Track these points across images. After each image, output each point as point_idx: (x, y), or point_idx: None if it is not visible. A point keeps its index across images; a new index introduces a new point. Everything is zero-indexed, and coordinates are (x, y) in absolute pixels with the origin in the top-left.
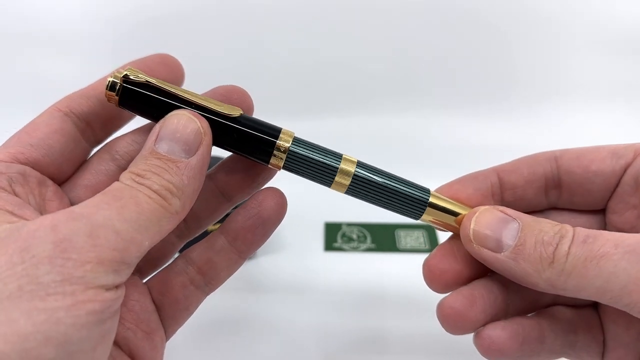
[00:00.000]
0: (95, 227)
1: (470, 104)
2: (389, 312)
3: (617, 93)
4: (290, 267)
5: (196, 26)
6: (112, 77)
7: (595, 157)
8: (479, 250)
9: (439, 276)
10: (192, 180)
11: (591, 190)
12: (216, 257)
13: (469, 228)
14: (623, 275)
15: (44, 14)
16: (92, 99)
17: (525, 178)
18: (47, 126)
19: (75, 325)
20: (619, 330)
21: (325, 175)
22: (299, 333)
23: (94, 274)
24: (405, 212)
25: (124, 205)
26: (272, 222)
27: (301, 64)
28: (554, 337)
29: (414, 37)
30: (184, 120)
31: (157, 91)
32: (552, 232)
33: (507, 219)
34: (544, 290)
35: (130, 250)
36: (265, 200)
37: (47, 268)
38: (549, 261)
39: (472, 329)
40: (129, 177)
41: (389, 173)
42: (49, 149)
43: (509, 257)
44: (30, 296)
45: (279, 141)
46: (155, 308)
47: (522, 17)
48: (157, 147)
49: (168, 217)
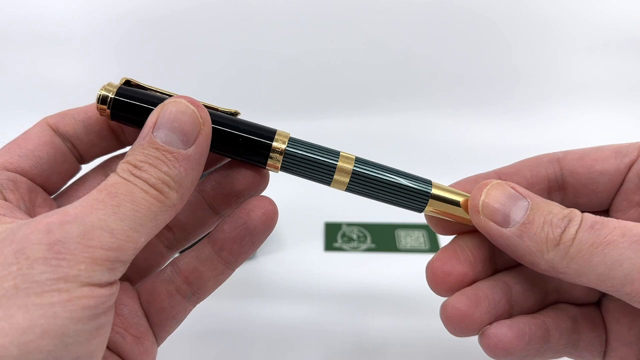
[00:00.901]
0: (89, 228)
1: (471, 105)
2: (389, 312)
3: (618, 93)
4: (290, 267)
5: (196, 26)
6: (103, 90)
7: (599, 156)
8: (485, 223)
9: (443, 279)
10: (190, 172)
11: (596, 191)
12: (202, 267)
13: (479, 199)
14: (627, 264)
15: (44, 14)
16: (79, 123)
17: (528, 181)
18: (38, 138)
19: (71, 319)
20: (622, 329)
21: (323, 174)
22: (298, 333)
23: (88, 272)
24: (407, 206)
25: (120, 203)
26: (259, 233)
27: (301, 64)
28: (558, 336)
29: (414, 37)
30: (183, 108)
31: (150, 99)
32: (561, 215)
33: (518, 196)
34: (542, 271)
35: (126, 248)
36: (253, 210)
37: (42, 268)
38: (555, 243)
39: (476, 331)
40: (125, 168)
41: (389, 167)
42: (37, 160)
43: (515, 233)
44: (26, 293)
45: (275, 143)
46: (144, 313)
47: (523, 17)
48: (155, 135)
49: (165, 211)
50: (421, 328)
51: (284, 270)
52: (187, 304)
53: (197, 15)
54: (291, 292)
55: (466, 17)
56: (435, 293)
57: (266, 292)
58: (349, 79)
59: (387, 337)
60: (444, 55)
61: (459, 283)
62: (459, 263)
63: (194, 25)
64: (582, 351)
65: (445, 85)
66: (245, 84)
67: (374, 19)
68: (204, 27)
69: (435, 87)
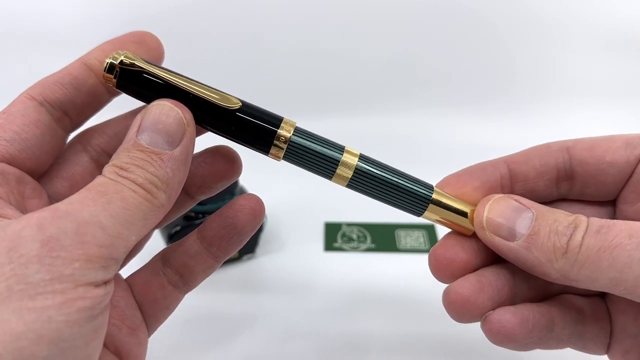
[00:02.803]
0: (81, 224)
1: (471, 104)
2: (389, 312)
3: (618, 93)
4: (290, 267)
5: (197, 24)
6: (111, 58)
7: (609, 147)
8: (491, 238)
9: (446, 265)
10: (176, 172)
11: (604, 182)
12: (192, 262)
13: (482, 215)
14: (637, 266)
15: (44, 14)
16: (68, 86)
17: (537, 170)
18: (22, 118)
19: (66, 322)
20: (628, 321)
21: (326, 167)
22: (298, 333)
23: (83, 271)
24: (407, 208)
25: (110, 200)
26: (247, 231)
27: (301, 65)
28: (562, 325)
29: (414, 37)
30: (166, 110)
31: (156, 76)
32: (566, 222)
33: (521, 208)
34: (555, 280)
35: (118, 246)
36: (240, 210)
37: (36, 267)
38: (562, 251)
39: (478, 317)
40: (112, 170)
41: (392, 167)
42: (25, 143)
43: (522, 246)
44: (19, 296)
45: (280, 130)
46: (138, 306)
47: (523, 18)
48: (140, 138)
49: (154, 211)
50: (421, 328)
51: (284, 270)
52: (179, 294)
53: (199, 14)
54: (291, 292)
55: (467, 18)
56: (438, 280)
57: (266, 291)
58: (349, 79)
59: (387, 337)
60: (444, 55)
61: (462, 270)
62: (462, 250)
63: (196, 24)
64: (587, 342)
65: (446, 84)
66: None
67: (374, 20)
68: (205, 25)
69: (435, 87)
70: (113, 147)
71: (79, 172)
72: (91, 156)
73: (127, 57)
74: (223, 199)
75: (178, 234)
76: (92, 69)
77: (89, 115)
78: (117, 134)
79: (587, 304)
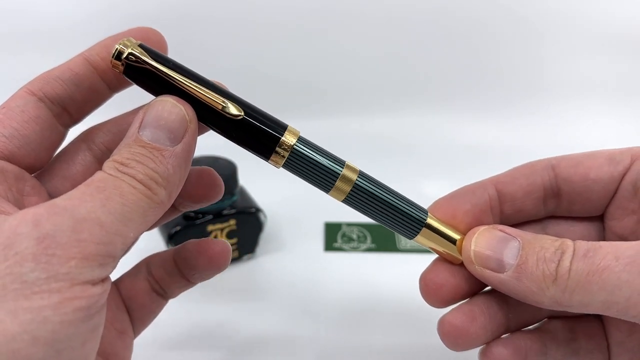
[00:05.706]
0: (78, 220)
1: (470, 105)
2: (389, 312)
3: (618, 93)
4: (290, 267)
5: (197, 27)
6: (121, 44)
7: (593, 164)
8: (481, 272)
9: (436, 291)
10: (177, 169)
11: (590, 198)
12: (168, 277)
13: (470, 250)
14: (626, 287)
15: (44, 14)
16: (68, 82)
17: (524, 189)
18: (22, 114)
19: (62, 323)
20: (623, 336)
21: (325, 180)
22: (298, 333)
23: (79, 269)
24: (400, 229)
25: (108, 196)
26: (219, 269)
27: (300, 65)
28: (555, 347)
29: (414, 38)
30: (169, 107)
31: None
32: (552, 248)
33: (507, 237)
34: (549, 307)
35: (116, 243)
36: (204, 253)
37: (32, 265)
38: (552, 278)
39: (473, 345)
40: (112, 166)
41: (390, 188)
42: (24, 139)
43: (512, 276)
44: (15, 295)
45: (284, 138)
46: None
47: (523, 18)
48: (141, 134)
49: (153, 207)
50: (421, 329)
51: (284, 270)
52: (162, 300)
53: (199, 17)
54: (291, 292)
55: (467, 18)
56: (429, 304)
57: (266, 292)
58: (349, 79)
59: (387, 338)
60: (444, 56)
61: (452, 295)
62: (452, 275)
63: (196, 26)
64: (583, 359)
65: (445, 86)
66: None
67: (374, 20)
68: (205, 27)
69: (434, 87)
70: (117, 144)
71: (81, 171)
72: (95, 155)
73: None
74: (223, 199)
75: (178, 234)
76: (94, 65)
77: (89, 111)
78: (121, 132)
79: (579, 322)
